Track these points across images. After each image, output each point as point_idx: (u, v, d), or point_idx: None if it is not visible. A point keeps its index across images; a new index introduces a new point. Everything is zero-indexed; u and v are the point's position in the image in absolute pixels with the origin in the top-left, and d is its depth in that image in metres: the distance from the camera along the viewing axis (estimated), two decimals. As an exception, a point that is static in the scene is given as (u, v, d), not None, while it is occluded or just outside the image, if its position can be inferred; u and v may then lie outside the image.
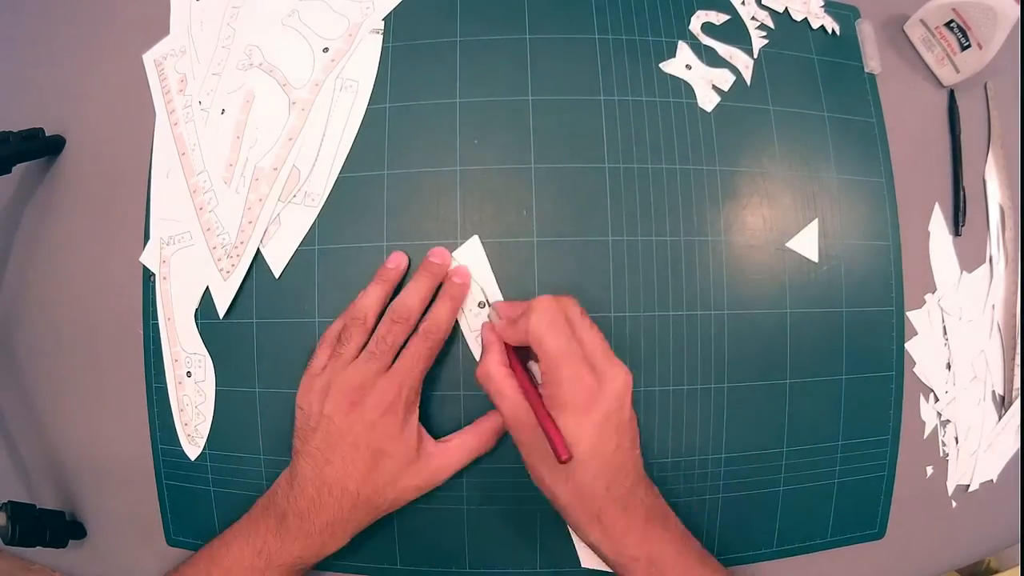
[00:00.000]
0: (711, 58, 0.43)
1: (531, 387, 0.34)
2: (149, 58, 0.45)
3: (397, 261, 0.39)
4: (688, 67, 0.42)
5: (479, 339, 0.39)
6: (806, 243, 0.40)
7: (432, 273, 0.38)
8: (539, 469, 0.34)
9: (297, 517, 0.36)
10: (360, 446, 0.35)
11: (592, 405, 0.32)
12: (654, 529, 0.34)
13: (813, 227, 0.40)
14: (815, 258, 0.40)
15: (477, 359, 0.39)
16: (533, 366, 0.37)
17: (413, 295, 0.38)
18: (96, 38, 0.47)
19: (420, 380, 0.37)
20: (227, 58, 0.44)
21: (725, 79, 0.42)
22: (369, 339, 0.37)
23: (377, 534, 0.39)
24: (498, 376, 0.35)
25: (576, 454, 0.32)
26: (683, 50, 0.43)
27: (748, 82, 0.43)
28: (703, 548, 0.37)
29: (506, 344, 0.36)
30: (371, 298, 0.38)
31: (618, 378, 0.33)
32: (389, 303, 0.38)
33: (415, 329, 0.37)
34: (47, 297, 0.46)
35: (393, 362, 0.37)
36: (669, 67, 0.42)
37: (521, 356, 0.37)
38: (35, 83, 0.48)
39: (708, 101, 0.42)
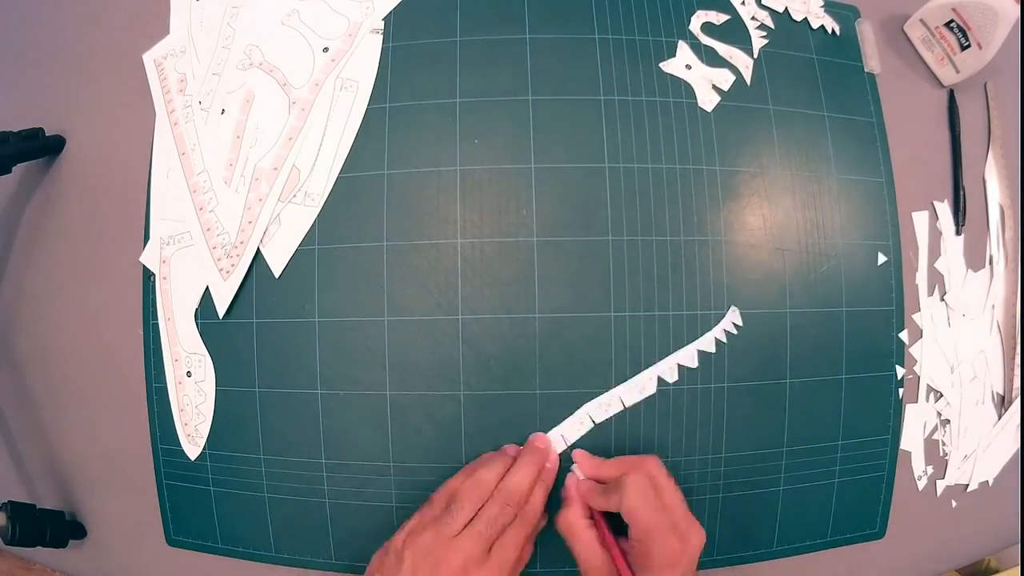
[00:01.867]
0: (711, 58, 0.43)
1: (614, 541, 0.36)
2: (149, 58, 0.45)
3: (546, 442, 0.40)
4: (688, 67, 0.42)
5: None
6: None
7: (539, 460, 0.39)
8: None
9: None
10: None
11: (675, 564, 0.34)
12: None
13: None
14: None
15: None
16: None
17: (523, 480, 0.37)
18: (96, 38, 0.47)
19: (517, 572, 0.37)
20: (227, 58, 0.44)
21: (725, 79, 0.42)
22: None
23: (377, 534, 0.39)
24: (579, 527, 0.36)
25: None
26: (683, 50, 0.43)
27: (748, 82, 0.43)
28: None
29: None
30: (494, 474, 0.37)
31: (698, 539, 0.35)
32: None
33: None
34: (47, 297, 0.46)
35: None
36: (669, 67, 0.42)
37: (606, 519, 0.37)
38: (35, 83, 0.48)
39: (708, 101, 0.42)
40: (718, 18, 0.44)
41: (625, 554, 0.35)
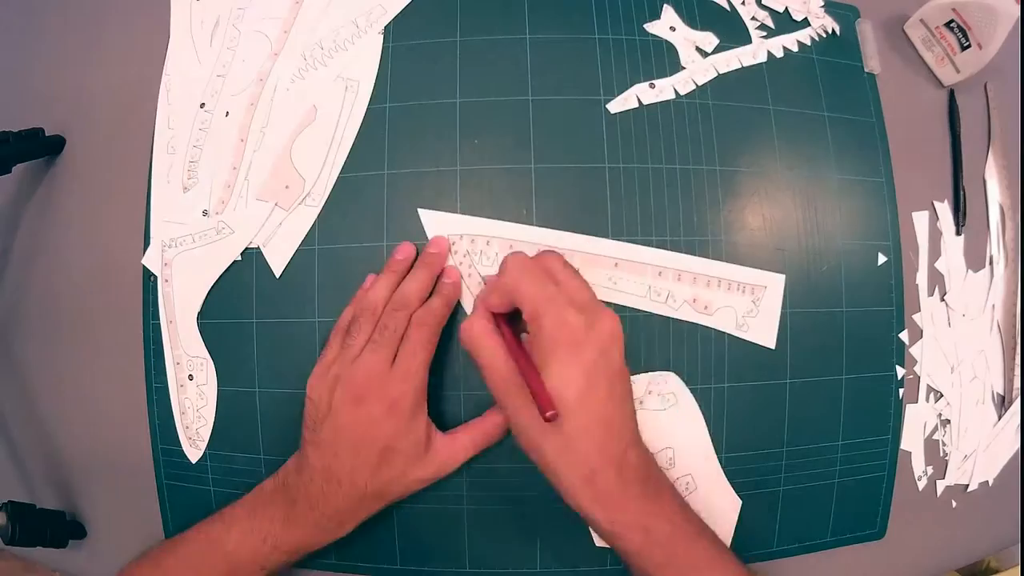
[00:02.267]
0: (694, 21, 0.43)
1: (516, 344, 0.33)
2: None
3: (406, 252, 0.39)
4: (672, 28, 0.42)
5: None
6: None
7: (429, 263, 0.38)
8: (527, 432, 0.32)
9: (307, 505, 0.35)
10: (367, 442, 0.35)
11: (579, 348, 0.31)
12: (650, 495, 0.33)
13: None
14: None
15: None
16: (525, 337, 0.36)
17: (412, 284, 0.38)
18: (96, 38, 0.47)
19: (424, 373, 0.36)
20: (231, 60, 0.44)
21: (709, 41, 0.42)
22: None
23: (377, 534, 0.39)
24: (480, 332, 0.34)
25: (564, 405, 0.30)
26: (667, 12, 0.43)
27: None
28: (702, 520, 0.35)
29: (495, 314, 0.35)
30: (380, 289, 0.38)
31: (606, 321, 0.32)
32: None
33: None
34: (47, 297, 0.46)
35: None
36: (653, 28, 0.42)
37: (513, 328, 0.35)
38: (35, 83, 0.48)
39: (691, 60, 0.42)
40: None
41: (528, 355, 0.32)
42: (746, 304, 0.40)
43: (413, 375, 0.36)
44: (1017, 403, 0.45)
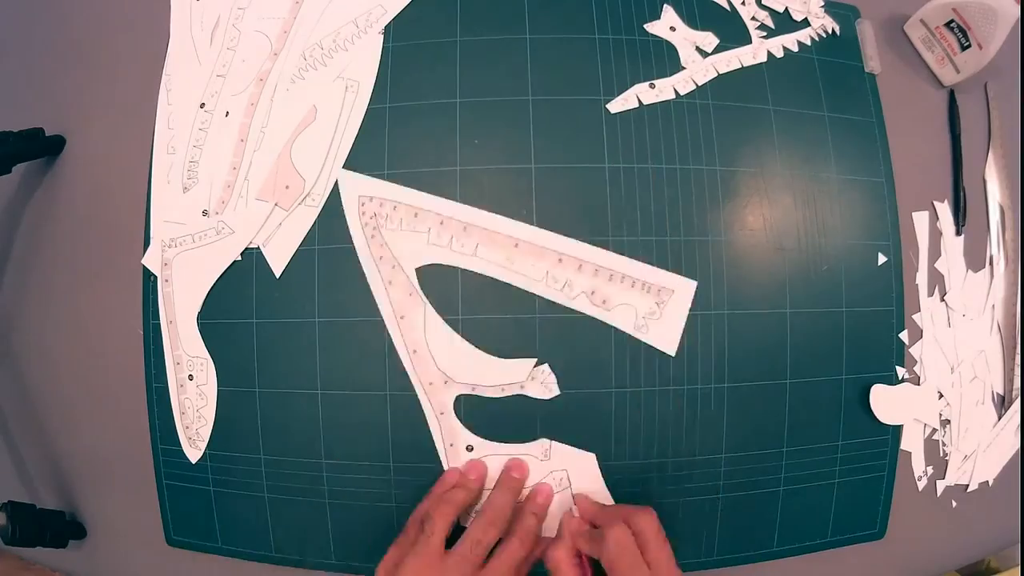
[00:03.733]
0: (694, 21, 0.43)
1: None
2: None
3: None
4: (672, 28, 0.42)
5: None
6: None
7: (513, 488, 0.39)
8: None
9: None
10: None
11: None
12: None
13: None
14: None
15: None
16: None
17: (504, 503, 0.38)
18: (96, 38, 0.47)
19: None
20: (231, 60, 0.44)
21: (709, 41, 0.43)
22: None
23: (377, 534, 0.39)
24: (564, 565, 0.36)
25: None
26: (667, 12, 0.43)
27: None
28: None
29: None
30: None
31: None
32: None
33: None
34: (47, 297, 0.46)
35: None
36: (653, 28, 0.42)
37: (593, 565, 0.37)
38: (35, 83, 0.48)
39: (691, 60, 0.42)
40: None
41: None
42: (648, 305, 0.39)
43: None
44: (1017, 403, 0.45)
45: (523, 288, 0.39)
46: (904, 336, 0.43)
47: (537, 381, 0.39)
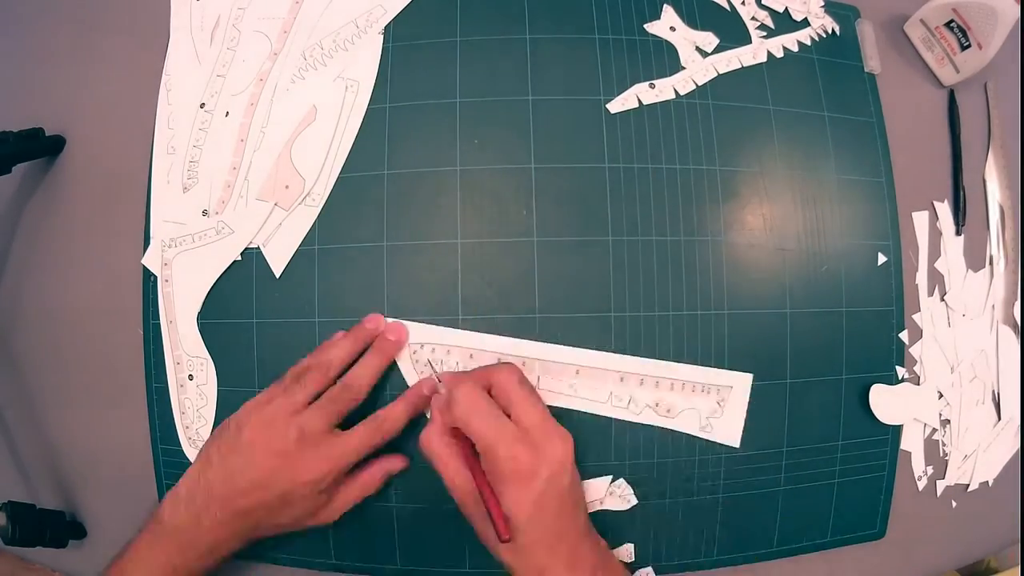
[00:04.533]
0: (694, 21, 0.43)
1: (474, 461, 0.35)
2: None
3: (375, 323, 0.39)
4: (672, 28, 0.42)
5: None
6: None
7: (385, 351, 0.39)
8: (484, 535, 0.35)
9: (192, 532, 0.36)
10: (276, 492, 0.35)
11: (530, 479, 0.33)
12: None
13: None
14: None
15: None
16: None
17: (367, 373, 0.38)
18: (97, 38, 0.47)
19: (354, 460, 0.37)
20: (231, 60, 0.44)
21: (709, 41, 0.43)
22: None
23: (378, 533, 0.39)
24: (438, 446, 0.35)
25: (516, 525, 0.33)
26: (667, 12, 0.43)
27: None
28: None
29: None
30: (340, 351, 0.38)
31: (555, 449, 0.34)
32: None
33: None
34: (47, 297, 0.46)
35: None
36: (653, 28, 0.42)
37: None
38: (35, 83, 0.48)
39: (691, 60, 0.42)
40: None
41: (484, 474, 0.34)
42: (710, 406, 0.40)
43: (346, 458, 0.36)
44: (1017, 403, 0.45)
45: (590, 412, 0.40)
46: (904, 336, 0.43)
47: (615, 495, 0.40)
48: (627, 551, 0.40)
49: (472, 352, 0.39)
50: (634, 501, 0.40)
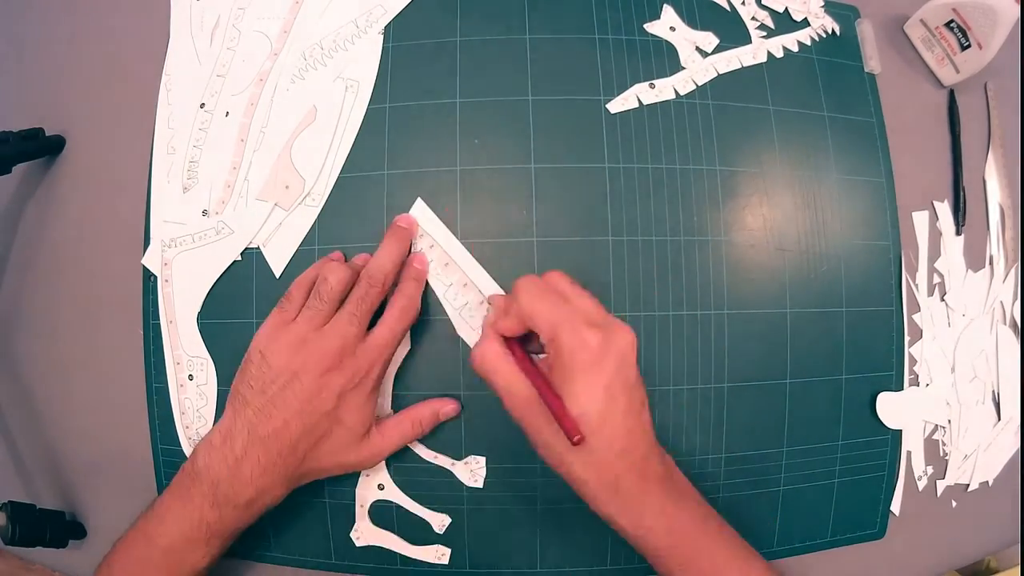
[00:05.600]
0: (694, 21, 0.43)
1: (534, 368, 0.33)
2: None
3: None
4: (672, 28, 0.42)
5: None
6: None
7: (400, 238, 0.39)
8: (552, 448, 0.32)
9: (231, 483, 0.34)
10: (322, 412, 0.34)
11: (599, 364, 0.31)
12: (671, 497, 0.33)
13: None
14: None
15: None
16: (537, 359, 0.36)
17: (387, 259, 0.37)
18: (96, 38, 0.47)
19: (391, 358, 0.37)
20: (231, 60, 0.44)
21: (709, 41, 0.43)
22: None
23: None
24: (493, 357, 0.33)
25: (587, 424, 0.30)
26: (667, 12, 0.43)
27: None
28: (723, 521, 0.35)
29: (508, 339, 0.35)
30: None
31: (623, 334, 0.32)
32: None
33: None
34: (47, 297, 0.46)
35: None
36: (653, 28, 0.42)
37: (525, 349, 0.35)
38: (35, 83, 0.48)
39: (691, 60, 0.42)
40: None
41: (545, 376, 0.32)
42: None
43: (384, 356, 0.36)
44: (1017, 403, 0.45)
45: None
46: (904, 336, 0.43)
47: (468, 468, 0.40)
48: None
49: (448, 262, 0.40)
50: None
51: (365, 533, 0.40)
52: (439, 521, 0.40)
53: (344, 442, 0.36)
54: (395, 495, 0.40)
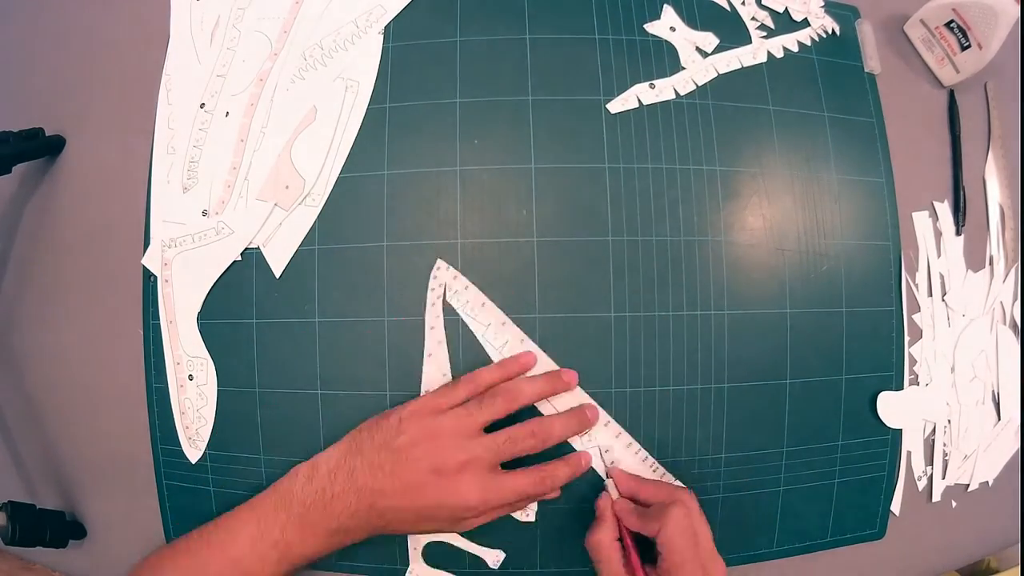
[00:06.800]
0: (694, 21, 0.43)
1: (640, 567, 0.35)
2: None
3: (571, 378, 0.39)
4: (672, 29, 0.42)
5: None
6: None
7: (579, 421, 0.38)
8: None
9: (322, 512, 0.35)
10: (414, 507, 0.35)
11: None
12: None
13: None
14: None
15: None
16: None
17: (562, 428, 0.38)
18: (96, 38, 0.47)
19: (503, 513, 0.37)
20: (231, 60, 0.44)
21: (709, 41, 0.43)
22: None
23: (379, 535, 0.39)
24: (608, 549, 0.36)
25: None
26: (667, 12, 0.43)
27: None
28: None
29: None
30: (535, 390, 0.38)
31: (721, 573, 0.35)
32: None
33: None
34: (47, 297, 0.46)
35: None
36: (653, 28, 0.42)
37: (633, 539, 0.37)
38: (35, 83, 0.48)
39: (691, 60, 0.42)
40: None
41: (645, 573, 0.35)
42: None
43: (502, 499, 0.36)
44: (1016, 403, 0.45)
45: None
46: (904, 336, 0.43)
47: None
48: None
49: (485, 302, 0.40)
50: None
51: (421, 575, 0.40)
52: (493, 557, 0.40)
53: (428, 529, 0.37)
54: (448, 535, 0.40)
